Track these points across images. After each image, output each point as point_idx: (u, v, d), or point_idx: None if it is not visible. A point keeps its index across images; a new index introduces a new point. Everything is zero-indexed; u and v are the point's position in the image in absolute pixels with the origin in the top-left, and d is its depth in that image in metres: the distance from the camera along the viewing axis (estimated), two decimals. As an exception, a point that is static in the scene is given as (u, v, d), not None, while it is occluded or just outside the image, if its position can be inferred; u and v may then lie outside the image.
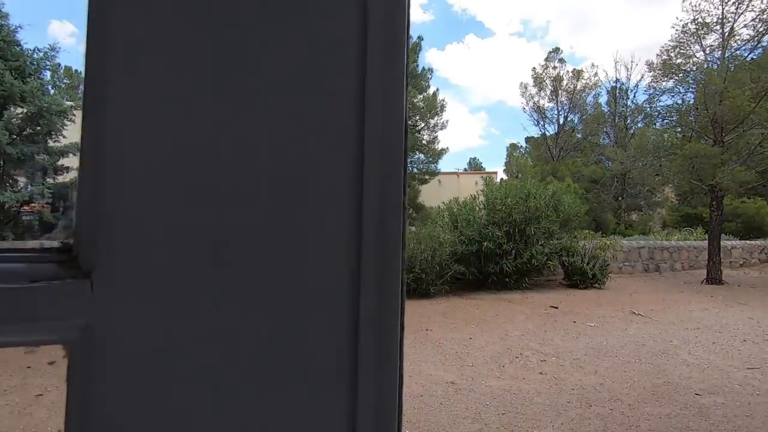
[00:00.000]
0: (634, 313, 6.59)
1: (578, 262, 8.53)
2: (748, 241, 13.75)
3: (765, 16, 8.58)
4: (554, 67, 24.37)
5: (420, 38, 20.88)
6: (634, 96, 24.12)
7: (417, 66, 20.92)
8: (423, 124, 21.10)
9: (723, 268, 9.69)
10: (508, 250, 7.63)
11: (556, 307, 6.81)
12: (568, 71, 24.73)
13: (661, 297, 7.99)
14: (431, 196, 23.30)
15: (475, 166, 60.20)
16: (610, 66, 44.74)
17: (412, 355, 4.44)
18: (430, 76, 21.27)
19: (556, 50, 24.47)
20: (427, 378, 3.82)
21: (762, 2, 8.60)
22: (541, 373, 3.99)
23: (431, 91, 21.38)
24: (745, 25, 8.81)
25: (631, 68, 23.59)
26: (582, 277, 8.53)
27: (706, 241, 12.87)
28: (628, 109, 24.24)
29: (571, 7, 44.52)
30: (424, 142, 21.50)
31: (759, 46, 8.85)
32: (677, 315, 6.51)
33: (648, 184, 15.86)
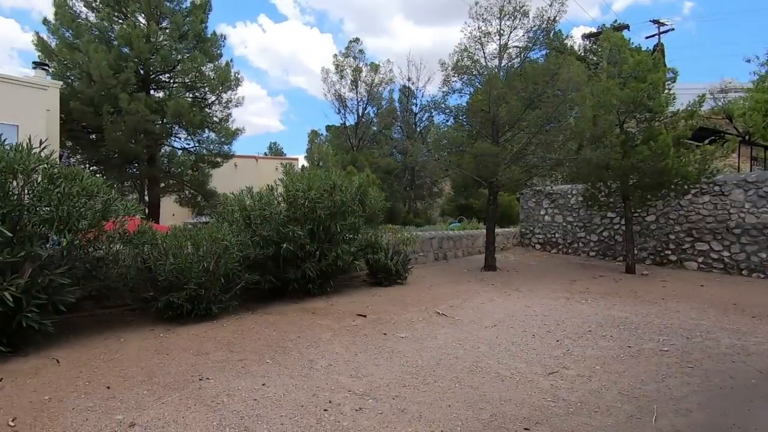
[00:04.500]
0: (438, 313, 6.38)
1: (382, 259, 8.12)
2: (506, 229, 16.42)
3: (531, 34, 9.76)
4: (354, 57, 24.66)
5: (209, -5, 17.76)
6: (422, 95, 26.58)
7: (206, 28, 17.80)
8: (214, 98, 18.20)
9: (493, 255, 10.93)
10: (311, 252, 6.51)
11: (365, 316, 6.06)
12: (366, 64, 25.47)
13: (455, 289, 8.24)
14: (225, 181, 20.57)
15: (275, 151, 58.10)
16: (403, 65, 49.03)
17: (169, 440, 2.81)
18: (222, 44, 18.44)
19: (356, 41, 24.81)
20: (187, 496, 2.30)
21: (529, 21, 9.75)
22: (358, 435, 2.96)
23: (224, 61, 18.57)
24: (517, 39, 9.85)
25: (420, 70, 25.77)
26: (386, 273, 8.16)
27: (479, 230, 14.69)
28: (417, 107, 26.60)
29: (361, 10, 47.04)
30: (215, 119, 18.61)
31: (527, 59, 10.05)
32: (474, 311, 6.60)
33: (437, 177, 17.39)
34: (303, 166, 34.93)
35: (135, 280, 5.31)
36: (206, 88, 18.03)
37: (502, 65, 10.19)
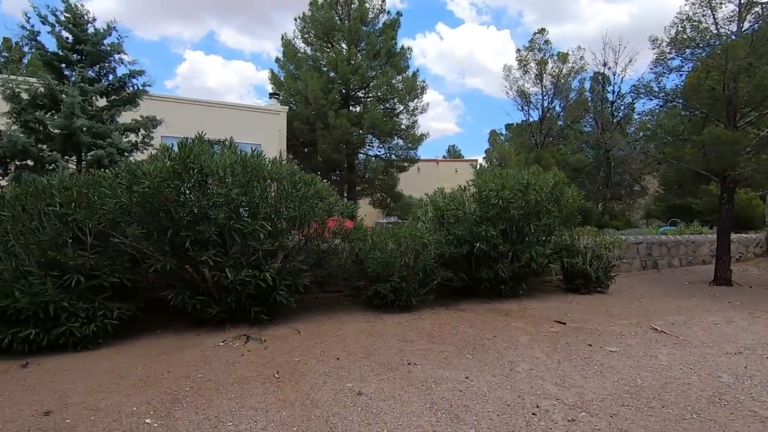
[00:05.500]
0: (655, 329, 5.50)
1: (580, 264, 7.44)
2: (743, 235, 13.07)
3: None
4: (539, 49, 23.25)
5: (399, 14, 19.32)
6: (621, 81, 23.22)
7: (395, 44, 19.40)
8: (402, 108, 19.69)
9: (729, 267, 8.81)
10: (504, 252, 6.43)
11: (564, 323, 5.67)
12: (552, 55, 23.67)
13: (674, 304, 6.98)
14: (410, 184, 22.06)
15: (453, 153, 59.34)
16: (596, 50, 43.82)
17: (390, 412, 3.17)
18: (408, 56, 19.80)
19: (541, 31, 23.32)
20: (413, 465, 2.55)
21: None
22: (574, 447, 2.79)
23: (410, 72, 19.91)
24: (766, -6, 7.75)
25: (619, 52, 22.55)
26: (584, 280, 7.46)
27: (703, 236, 12.08)
28: (613, 94, 23.40)
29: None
30: (403, 126, 20.11)
31: (781, 17, 7.82)
32: (705, 331, 5.47)
33: (641, 172, 14.91)
34: (481, 166, 34.65)
35: (350, 270, 6.15)
36: (395, 99, 19.67)
37: (743, 29, 8.16)
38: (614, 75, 23.45)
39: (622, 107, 23.46)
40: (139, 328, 4.94)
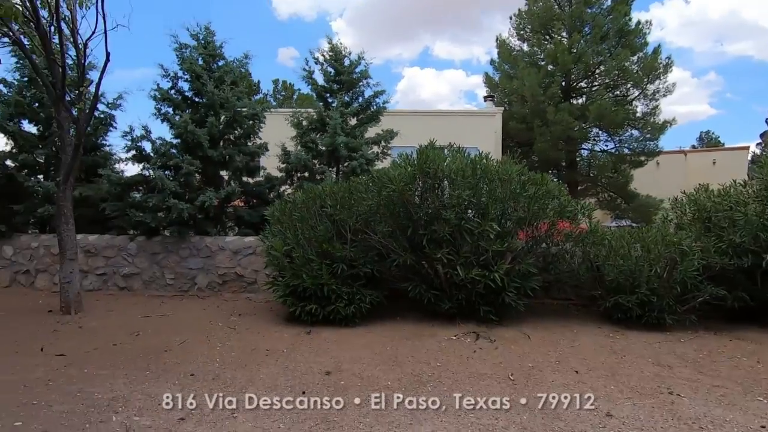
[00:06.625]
0: None
1: None
2: None
3: None
4: None
5: (634, -16, 16.66)
6: None
7: (629, 20, 16.80)
8: (637, 92, 16.93)
9: None
10: (813, 269, 4.73)
11: None
12: None
13: None
14: (646, 182, 18.69)
15: (708, 141, 47.58)
16: None
17: (651, 445, 2.73)
18: (647, 31, 16.86)
19: None
20: None
21: None
22: None
23: (649, 49, 16.92)
24: None
25: None
26: None
27: None
28: None
29: None
30: (638, 114, 17.27)
31: None
32: None
33: None
34: (755, 154, 26.79)
35: (583, 277, 5.62)
36: (628, 84, 17.05)
37: None
38: None
39: None
40: (383, 314, 5.67)
